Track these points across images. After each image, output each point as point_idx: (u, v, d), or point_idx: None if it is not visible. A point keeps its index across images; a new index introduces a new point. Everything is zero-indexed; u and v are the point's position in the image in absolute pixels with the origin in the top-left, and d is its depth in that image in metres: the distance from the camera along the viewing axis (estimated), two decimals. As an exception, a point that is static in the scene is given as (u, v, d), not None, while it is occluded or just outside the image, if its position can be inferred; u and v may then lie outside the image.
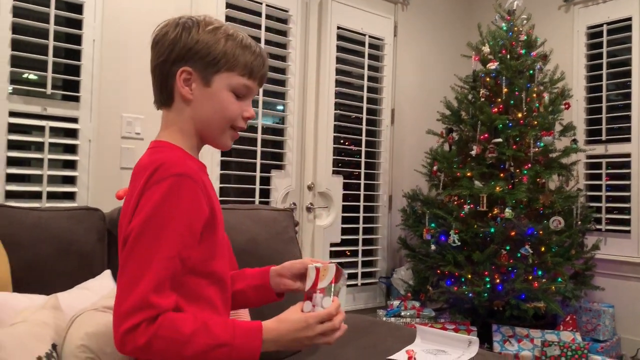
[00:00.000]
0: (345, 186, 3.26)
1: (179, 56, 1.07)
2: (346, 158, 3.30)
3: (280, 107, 3.04)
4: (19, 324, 1.17)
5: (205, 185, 1.06)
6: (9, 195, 2.12)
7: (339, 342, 2.04)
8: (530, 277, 2.81)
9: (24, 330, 1.15)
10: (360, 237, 3.30)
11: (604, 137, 3.32)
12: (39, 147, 2.24)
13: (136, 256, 0.95)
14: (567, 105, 3.08)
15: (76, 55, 2.31)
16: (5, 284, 1.39)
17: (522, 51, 3.07)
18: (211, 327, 0.96)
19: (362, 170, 3.32)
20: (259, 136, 2.85)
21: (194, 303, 1.04)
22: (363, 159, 3.32)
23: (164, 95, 1.11)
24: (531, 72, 3.05)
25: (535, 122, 2.97)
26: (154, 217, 0.96)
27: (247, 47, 1.10)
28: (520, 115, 2.96)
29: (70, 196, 2.30)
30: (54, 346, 1.18)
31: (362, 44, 3.33)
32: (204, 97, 1.09)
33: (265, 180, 2.94)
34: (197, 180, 1.02)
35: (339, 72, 3.21)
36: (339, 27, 3.20)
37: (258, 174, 2.85)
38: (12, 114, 2.14)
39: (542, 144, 2.95)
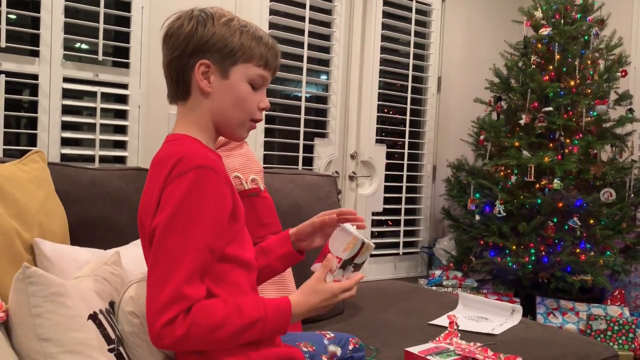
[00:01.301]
0: (389, 155, 3.24)
1: (195, 49, 1.08)
2: (390, 127, 3.27)
3: (324, 76, 3.03)
4: (82, 278, 1.23)
5: (226, 176, 1.08)
6: (64, 158, 2.20)
7: (381, 306, 2.07)
8: (578, 250, 2.74)
9: (87, 285, 1.21)
10: (403, 206, 3.28)
11: (662, 107, 3.16)
12: (90, 112, 2.32)
13: (166, 251, 0.97)
14: (623, 73, 2.94)
15: (126, 22, 2.35)
16: (64, 238, 1.47)
17: (577, 16, 2.94)
18: (243, 308, 1.00)
19: (406, 140, 3.28)
20: (303, 104, 2.85)
21: (222, 286, 1.07)
22: (407, 128, 3.28)
23: (180, 89, 1.13)
24: (586, 38, 2.92)
25: (589, 90, 2.86)
26: (180, 211, 0.97)
27: (260, 38, 1.12)
28: (572, 83, 2.85)
29: (121, 160, 2.38)
30: (111, 304, 1.24)
31: (409, 9, 3.25)
32: (222, 89, 1.10)
33: (309, 149, 2.95)
34: (219, 171, 1.03)
35: (384, 38, 3.15)
36: (385, -7, 3.14)
37: (301, 142, 2.86)
38: (66, 79, 2.21)
39: (595, 113, 2.84)
